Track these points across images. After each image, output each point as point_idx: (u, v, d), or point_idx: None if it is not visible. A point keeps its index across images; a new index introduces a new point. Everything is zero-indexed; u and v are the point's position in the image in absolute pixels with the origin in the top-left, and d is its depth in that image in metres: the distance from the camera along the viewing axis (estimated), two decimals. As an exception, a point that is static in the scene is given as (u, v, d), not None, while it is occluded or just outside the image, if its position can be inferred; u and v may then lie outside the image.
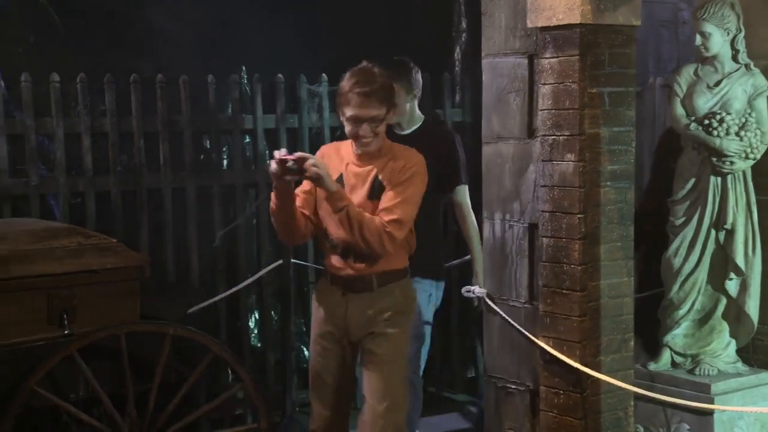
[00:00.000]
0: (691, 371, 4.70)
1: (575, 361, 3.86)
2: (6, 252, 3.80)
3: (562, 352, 3.90)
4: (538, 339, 4.00)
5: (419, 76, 4.47)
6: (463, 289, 4.32)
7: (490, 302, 4.19)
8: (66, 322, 3.83)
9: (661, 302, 4.77)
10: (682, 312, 4.73)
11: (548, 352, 3.94)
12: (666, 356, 4.78)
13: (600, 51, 3.84)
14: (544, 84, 3.91)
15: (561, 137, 3.88)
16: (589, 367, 3.87)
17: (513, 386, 4.17)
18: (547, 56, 3.90)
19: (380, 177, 3.63)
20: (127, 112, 5.41)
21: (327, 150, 3.83)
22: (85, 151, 5.33)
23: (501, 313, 4.13)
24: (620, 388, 3.87)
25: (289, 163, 3.46)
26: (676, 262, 4.68)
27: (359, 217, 3.55)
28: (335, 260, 3.70)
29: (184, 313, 4.46)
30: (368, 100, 3.54)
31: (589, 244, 3.87)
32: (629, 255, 4.00)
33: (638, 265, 4.37)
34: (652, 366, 4.77)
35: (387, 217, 3.57)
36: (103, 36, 5.61)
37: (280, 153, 3.50)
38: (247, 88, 5.81)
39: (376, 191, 3.63)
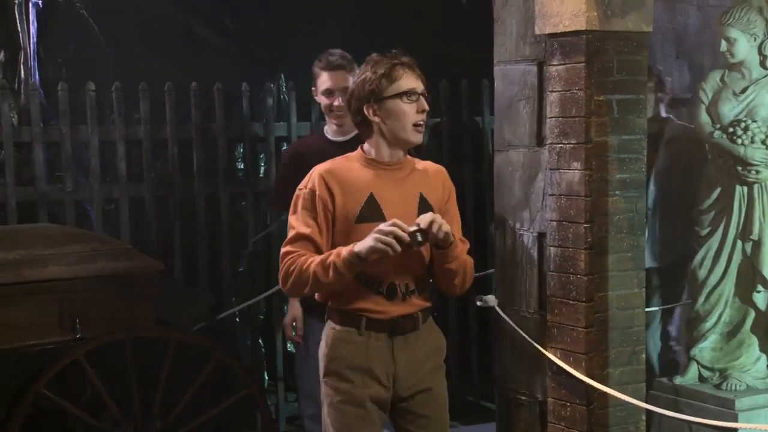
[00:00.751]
0: (718, 386, 4.57)
1: (581, 372, 3.80)
2: (20, 256, 3.91)
3: (569, 364, 3.84)
4: (546, 350, 3.94)
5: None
6: (476, 299, 4.28)
7: (500, 312, 4.14)
8: (78, 326, 3.92)
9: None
10: (708, 325, 4.61)
11: (556, 364, 3.89)
12: (693, 370, 4.66)
13: (608, 58, 3.77)
14: (552, 91, 3.86)
15: (568, 145, 3.82)
16: (596, 380, 3.80)
17: (523, 397, 4.11)
18: (555, 63, 3.84)
19: (425, 196, 3.28)
20: (161, 119, 5.53)
21: (333, 173, 3.27)
22: (120, 159, 5.47)
23: (511, 322, 4.08)
24: (630, 402, 3.78)
25: (419, 237, 3.10)
26: (701, 273, 4.57)
27: (463, 257, 3.29)
28: (376, 302, 3.24)
29: (198, 319, 4.52)
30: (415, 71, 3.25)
31: (596, 254, 3.80)
32: (640, 266, 3.92)
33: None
34: (678, 380, 4.66)
35: (465, 247, 3.33)
36: (139, 45, 5.72)
37: (401, 227, 3.08)
38: (285, 96, 5.88)
39: (424, 212, 3.22)
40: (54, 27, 5.56)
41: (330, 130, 4.22)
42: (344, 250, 3.13)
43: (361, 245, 3.10)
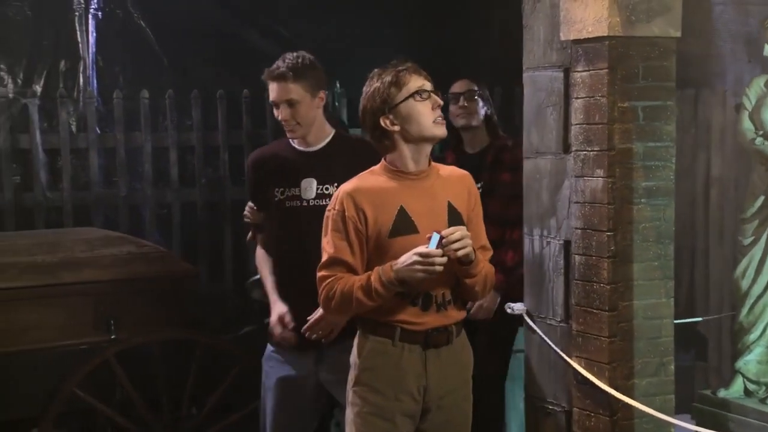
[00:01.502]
0: (763, 400, 4.45)
1: (605, 382, 3.74)
2: (59, 259, 4.06)
3: (593, 373, 3.79)
4: (571, 359, 3.90)
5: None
6: (506, 306, 4.26)
7: (528, 320, 4.12)
8: (113, 328, 4.04)
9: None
10: (753, 337, 4.50)
11: (580, 373, 3.84)
12: (738, 383, 4.55)
13: (633, 64, 3.71)
14: (577, 98, 3.82)
15: (591, 152, 3.77)
16: (620, 390, 3.73)
17: (550, 406, 4.07)
18: (579, 69, 3.80)
19: (454, 204, 3.26)
20: (213, 126, 5.66)
21: (360, 190, 3.22)
22: (172, 164, 5.61)
23: (538, 331, 4.05)
24: (652, 414, 3.71)
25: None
26: (744, 284, 4.46)
27: (484, 270, 3.25)
28: (411, 314, 3.21)
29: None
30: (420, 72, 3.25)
31: (620, 263, 3.74)
32: (668, 275, 3.83)
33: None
34: (722, 393, 4.55)
35: (487, 255, 3.31)
36: (194, 54, 5.87)
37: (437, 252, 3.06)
38: (338, 102, 5.95)
39: (454, 222, 3.20)
40: (112, 37, 5.74)
41: (295, 140, 3.86)
42: (384, 275, 3.11)
43: (404, 272, 3.09)
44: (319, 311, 3.46)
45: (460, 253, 3.08)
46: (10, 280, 3.98)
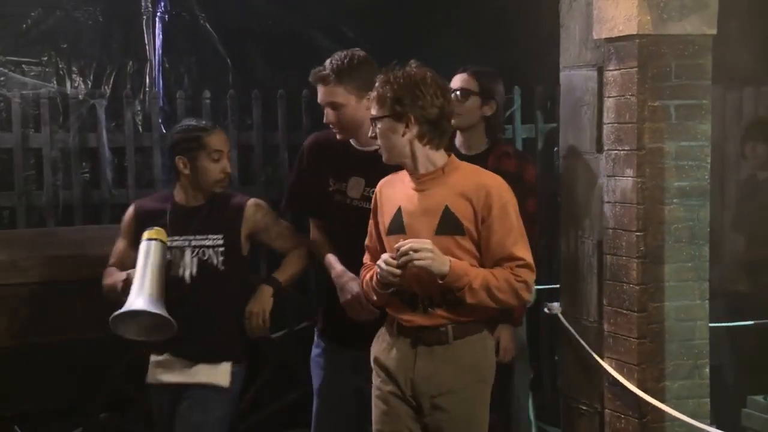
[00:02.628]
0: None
1: (633, 384, 3.71)
2: (107, 253, 4.20)
3: (623, 374, 3.76)
4: (603, 359, 3.87)
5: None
6: (544, 306, 4.24)
7: (563, 320, 4.10)
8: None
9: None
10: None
11: (611, 374, 3.81)
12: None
13: (664, 62, 3.67)
14: (609, 97, 3.80)
15: (622, 152, 3.74)
16: (650, 392, 3.70)
17: (584, 407, 4.05)
18: (611, 68, 3.78)
19: (453, 210, 3.25)
20: (273, 126, 5.77)
21: (385, 185, 3.42)
22: (233, 163, 5.73)
23: (572, 331, 4.03)
24: (679, 417, 3.67)
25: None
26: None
27: (484, 282, 3.17)
28: (402, 310, 3.32)
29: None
30: None
31: (650, 264, 3.70)
32: (703, 276, 3.78)
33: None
34: (774, 398, 4.44)
35: (512, 264, 3.21)
36: (257, 54, 5.99)
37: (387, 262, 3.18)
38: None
39: (447, 227, 3.23)
40: (178, 39, 5.90)
41: None
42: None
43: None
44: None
45: (417, 264, 3.13)
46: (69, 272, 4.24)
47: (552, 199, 4.43)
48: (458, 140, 4.23)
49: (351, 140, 3.77)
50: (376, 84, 3.28)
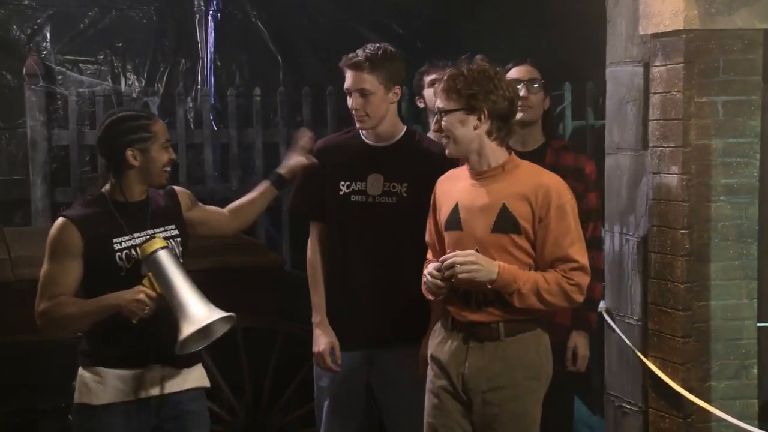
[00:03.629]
0: None
1: (678, 384, 3.66)
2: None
3: (667, 374, 3.71)
4: (647, 358, 3.83)
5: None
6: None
7: (608, 318, 4.07)
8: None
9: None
10: None
11: (655, 373, 3.77)
12: None
13: (712, 58, 3.62)
14: (654, 93, 3.75)
15: (667, 149, 3.70)
16: (695, 392, 3.65)
17: (628, 406, 4.01)
18: (657, 64, 3.73)
19: (511, 208, 3.23)
20: (323, 122, 5.82)
21: (444, 181, 3.44)
22: (282, 159, 5.78)
23: (617, 329, 4.00)
24: (724, 417, 3.61)
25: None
26: None
27: (533, 286, 3.17)
28: (456, 305, 3.31)
29: None
30: None
31: (696, 262, 3.65)
32: (751, 275, 3.71)
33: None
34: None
35: (566, 266, 3.19)
36: (308, 51, 6.04)
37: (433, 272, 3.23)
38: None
39: (504, 225, 3.22)
40: (230, 37, 5.98)
41: (364, 132, 3.80)
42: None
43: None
44: None
45: (461, 277, 3.16)
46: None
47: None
48: (513, 137, 4.14)
49: (366, 136, 3.79)
50: (444, 77, 3.28)
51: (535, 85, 4.05)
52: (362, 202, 3.72)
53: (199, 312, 3.12)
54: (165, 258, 3.17)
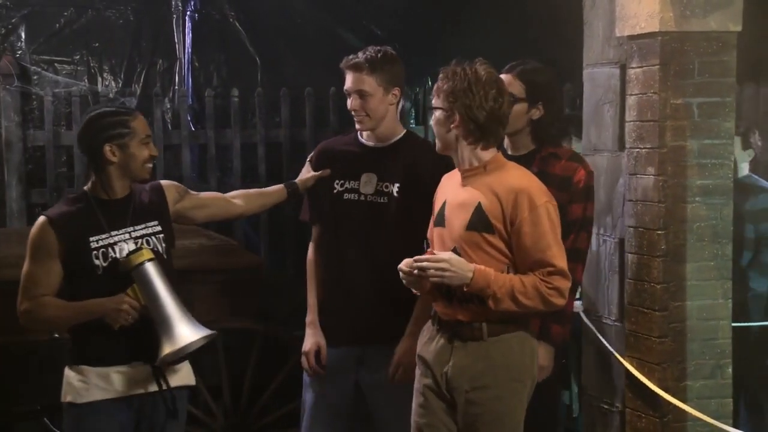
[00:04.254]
0: None
1: (654, 383, 3.69)
2: (133, 250, 4.25)
3: (643, 374, 3.74)
4: (624, 358, 3.86)
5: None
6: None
7: (584, 318, 4.09)
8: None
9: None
10: None
11: (632, 373, 3.79)
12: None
13: (687, 60, 3.65)
14: (631, 95, 3.78)
15: (643, 150, 3.73)
16: (671, 392, 3.68)
17: (605, 406, 4.04)
18: (634, 66, 3.76)
19: (484, 207, 3.20)
20: (301, 123, 5.81)
21: (444, 179, 3.43)
22: (260, 160, 5.79)
23: (593, 329, 4.02)
24: (699, 417, 3.64)
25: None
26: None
27: (509, 290, 3.14)
28: (441, 303, 3.30)
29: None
30: None
31: (672, 262, 3.68)
32: (726, 276, 3.75)
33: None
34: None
35: (544, 270, 3.14)
36: (286, 53, 6.04)
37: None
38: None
39: (477, 223, 3.19)
40: (207, 38, 5.96)
41: (362, 133, 3.79)
42: None
43: None
44: None
45: (432, 280, 3.17)
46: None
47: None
48: (505, 141, 4.07)
49: (364, 137, 3.79)
50: (439, 75, 3.29)
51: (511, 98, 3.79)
52: (354, 201, 3.72)
53: (181, 332, 3.11)
54: (151, 271, 3.14)
